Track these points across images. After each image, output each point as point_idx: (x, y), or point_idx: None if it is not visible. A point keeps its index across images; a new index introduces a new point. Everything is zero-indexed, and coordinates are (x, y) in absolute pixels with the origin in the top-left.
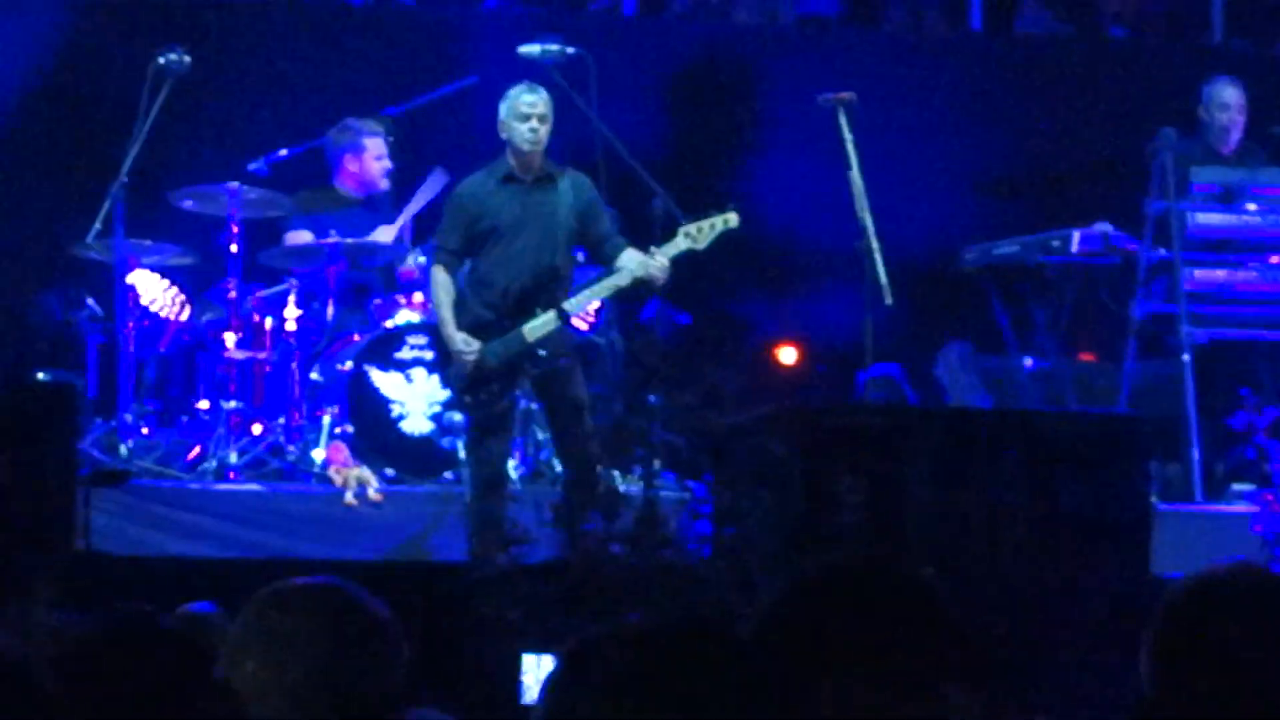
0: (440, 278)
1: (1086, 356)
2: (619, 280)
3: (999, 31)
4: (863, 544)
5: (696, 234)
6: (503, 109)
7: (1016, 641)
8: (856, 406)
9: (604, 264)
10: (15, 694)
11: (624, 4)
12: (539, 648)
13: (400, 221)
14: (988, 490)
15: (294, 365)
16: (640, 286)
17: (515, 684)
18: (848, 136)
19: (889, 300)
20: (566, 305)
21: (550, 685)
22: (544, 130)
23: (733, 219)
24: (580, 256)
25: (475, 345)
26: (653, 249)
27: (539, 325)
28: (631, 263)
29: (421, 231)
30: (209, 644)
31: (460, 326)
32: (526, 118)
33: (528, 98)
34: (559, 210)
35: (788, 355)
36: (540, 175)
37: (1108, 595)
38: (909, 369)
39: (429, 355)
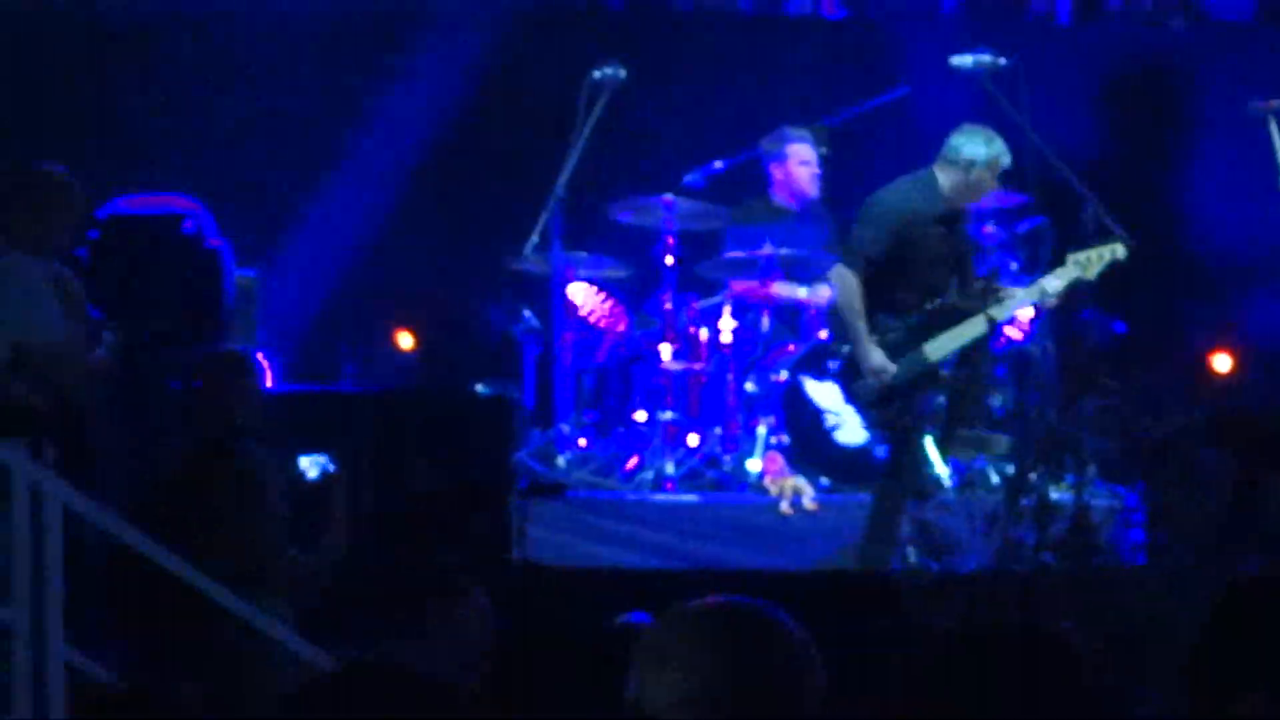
0: (853, 281)
1: None
2: (988, 318)
3: None
4: None
5: (1086, 263)
6: (983, 151)
7: None
8: None
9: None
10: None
11: (1059, 12)
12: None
13: None
14: None
15: (729, 376)
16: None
17: None
18: (1278, 144)
19: None
20: (933, 349)
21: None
22: None
23: (1120, 250)
24: None
25: (891, 368)
26: (1041, 280)
27: (940, 344)
28: (1011, 300)
29: None
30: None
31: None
32: (998, 176)
33: (1008, 159)
34: (963, 244)
35: (1222, 362)
36: (958, 213)
37: None
38: None
39: None
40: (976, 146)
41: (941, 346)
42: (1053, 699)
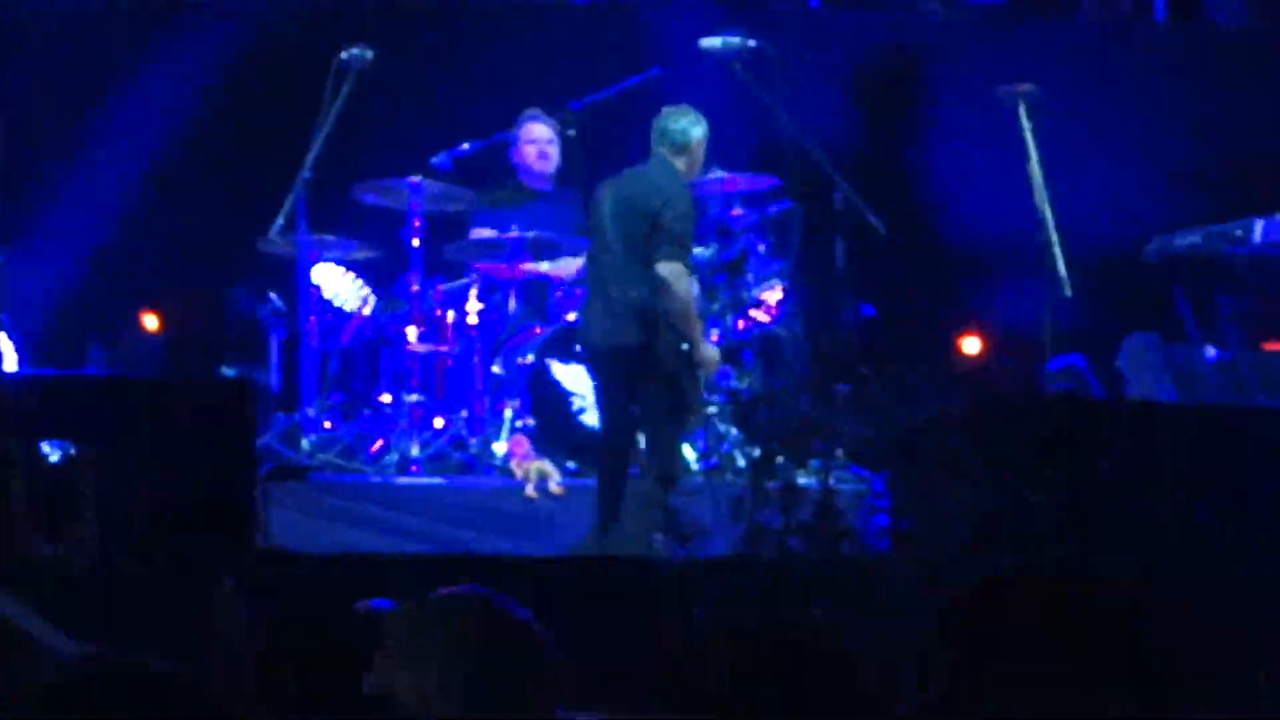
0: (690, 282)
1: (1271, 346)
2: None
3: (1185, 21)
4: (1049, 539)
5: None
6: (699, 131)
7: (1206, 637)
8: (1042, 399)
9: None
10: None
11: None
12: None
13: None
14: (1176, 485)
15: (476, 359)
16: None
17: None
18: (1027, 127)
19: (1068, 292)
20: None
21: None
22: None
23: None
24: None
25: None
26: None
27: None
28: None
29: None
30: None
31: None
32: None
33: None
34: None
35: (971, 345)
36: None
37: None
38: (1092, 360)
39: None
40: (697, 126)
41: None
42: (825, 696)
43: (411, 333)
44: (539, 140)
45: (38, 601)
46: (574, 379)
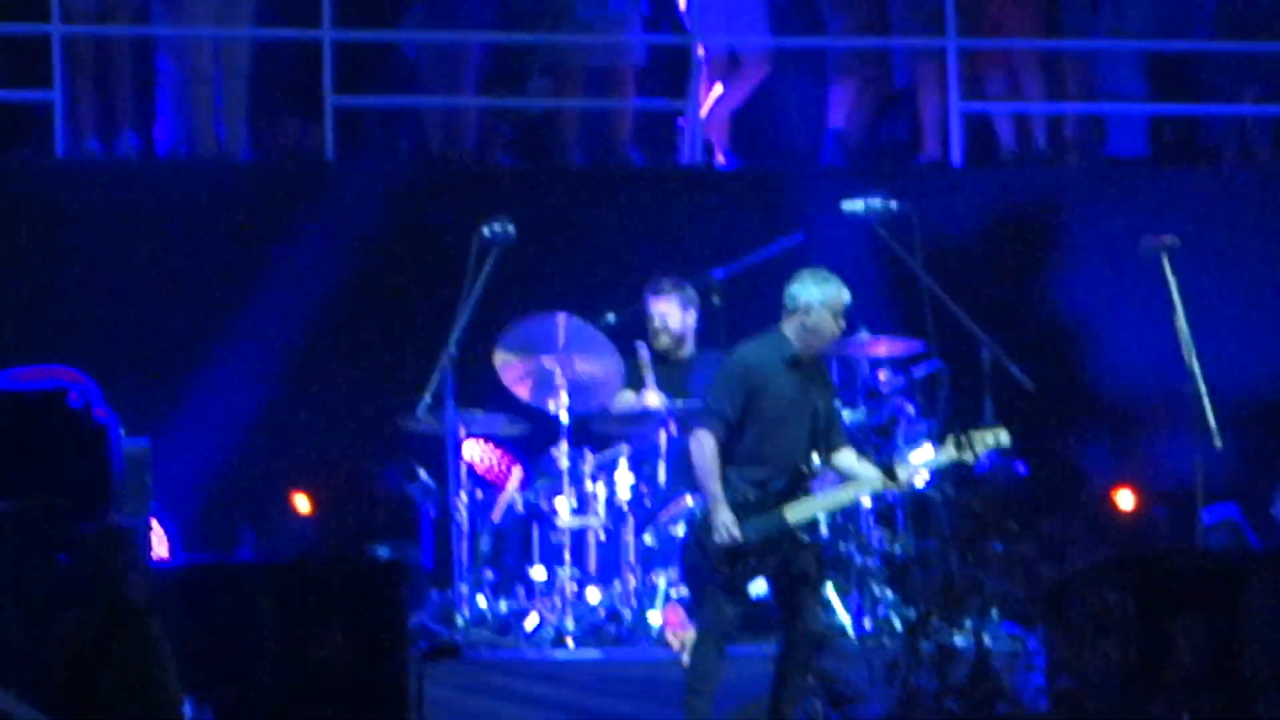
0: (712, 445)
1: None
2: (857, 493)
3: None
4: (1202, 693)
5: (966, 445)
6: (816, 294)
7: None
8: (1194, 551)
9: (821, 454)
10: None
11: (951, 155)
12: None
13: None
14: None
15: (627, 530)
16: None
17: None
18: (1171, 281)
19: (1218, 444)
20: (792, 512)
21: None
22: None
23: (1004, 437)
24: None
25: (737, 532)
26: (906, 465)
27: (802, 509)
28: (873, 480)
29: None
30: None
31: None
32: (840, 316)
33: (847, 296)
34: (820, 398)
35: (1125, 499)
36: (812, 362)
37: None
38: (1247, 509)
39: None
40: (809, 290)
41: (803, 510)
42: None
43: (562, 506)
44: (655, 315)
45: None
46: None
